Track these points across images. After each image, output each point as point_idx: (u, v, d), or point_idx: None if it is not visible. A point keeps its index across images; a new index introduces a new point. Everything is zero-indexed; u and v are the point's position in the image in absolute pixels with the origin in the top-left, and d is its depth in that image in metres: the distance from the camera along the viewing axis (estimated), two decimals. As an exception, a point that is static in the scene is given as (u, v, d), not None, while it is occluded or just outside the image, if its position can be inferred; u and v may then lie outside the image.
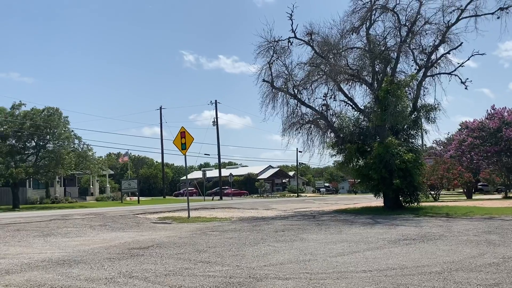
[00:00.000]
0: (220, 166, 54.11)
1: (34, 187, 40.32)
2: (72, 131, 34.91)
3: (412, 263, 6.58)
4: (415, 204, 19.77)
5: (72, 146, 34.58)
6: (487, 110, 38.28)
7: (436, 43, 20.22)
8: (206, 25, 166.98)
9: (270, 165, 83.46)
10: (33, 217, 18.03)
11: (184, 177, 78.81)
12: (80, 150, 35.04)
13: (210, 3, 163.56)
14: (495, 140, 35.07)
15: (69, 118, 35.01)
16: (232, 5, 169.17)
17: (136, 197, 42.09)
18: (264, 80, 21.51)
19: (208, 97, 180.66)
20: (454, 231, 10.77)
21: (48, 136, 33.21)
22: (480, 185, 53.44)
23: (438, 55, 20.56)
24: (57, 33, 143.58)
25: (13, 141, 32.94)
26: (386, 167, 18.06)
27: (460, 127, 47.70)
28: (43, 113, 33.17)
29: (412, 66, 21.02)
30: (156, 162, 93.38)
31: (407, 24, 20.32)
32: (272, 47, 21.18)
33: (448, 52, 20.25)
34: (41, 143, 33.48)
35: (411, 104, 20.27)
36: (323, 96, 21.61)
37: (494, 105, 37.49)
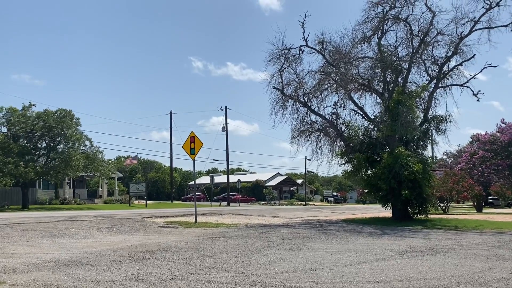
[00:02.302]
0: (228, 172, 54.11)
1: (44, 187, 40.67)
2: (83, 133, 35.26)
3: (420, 276, 6.51)
4: (424, 216, 19.57)
5: (83, 148, 34.87)
6: (497, 124, 37.99)
7: (448, 55, 20.10)
8: (215, 32, 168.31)
9: (278, 173, 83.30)
10: (42, 218, 18.17)
11: (192, 182, 78.86)
12: (90, 152, 35.31)
13: (218, 11, 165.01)
14: (507, 153, 34.70)
15: (79, 120, 35.22)
16: (240, 13, 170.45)
17: (144, 201, 42.24)
18: (274, 88, 21.56)
19: (216, 104, 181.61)
20: (463, 244, 10.63)
21: (59, 138, 33.53)
22: (490, 198, 52.78)
23: (450, 67, 20.45)
24: (69, 37, 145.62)
25: (25, 142, 33.32)
26: (395, 177, 17.92)
27: (471, 139, 47.33)
28: (56, 114, 33.53)
29: (424, 77, 20.93)
30: (165, 166, 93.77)
31: (419, 34, 20.25)
32: (284, 55, 21.24)
33: (461, 64, 20.13)
34: (52, 144, 33.81)
35: (421, 115, 20.14)
36: (333, 105, 21.62)
37: (503, 119, 37.20)
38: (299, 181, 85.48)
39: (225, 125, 51.49)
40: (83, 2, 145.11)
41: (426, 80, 20.67)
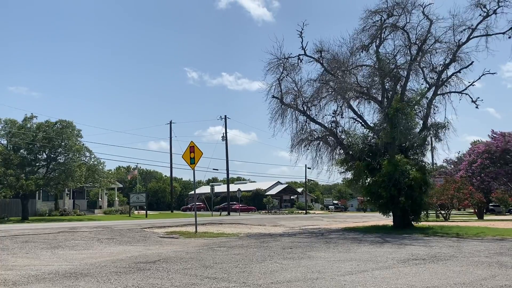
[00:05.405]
0: (228, 181, 53.98)
1: (44, 199, 40.53)
2: (83, 144, 35.25)
3: (422, 284, 6.47)
4: (417, 223, 19.54)
5: (83, 159, 34.82)
6: (489, 135, 39.04)
7: (446, 62, 20.16)
8: (209, 43, 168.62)
9: (278, 181, 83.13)
10: (42, 229, 18.11)
11: (192, 192, 78.66)
12: (90, 163, 35.26)
13: (211, 23, 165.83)
14: (503, 161, 34.96)
15: (81, 132, 35.20)
16: (233, 24, 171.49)
17: (144, 211, 42.09)
18: (273, 97, 21.62)
19: (212, 114, 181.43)
20: (464, 251, 10.59)
21: (59, 149, 33.52)
22: (491, 205, 52.68)
23: (449, 74, 20.49)
24: (66, 50, 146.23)
25: (25, 153, 33.30)
26: (395, 185, 17.90)
27: (470, 145, 47.56)
28: (56, 125, 33.58)
29: (422, 84, 20.94)
30: (165, 176, 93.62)
31: (417, 42, 20.36)
32: (282, 64, 21.33)
33: (459, 71, 20.17)
34: (52, 155, 33.79)
35: (421, 122, 20.17)
36: (332, 113, 21.63)
37: (493, 130, 38.56)
38: (300, 190, 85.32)
39: (224, 135, 51.51)
40: (78, 14, 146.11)
41: (425, 87, 20.71)
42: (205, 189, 76.16)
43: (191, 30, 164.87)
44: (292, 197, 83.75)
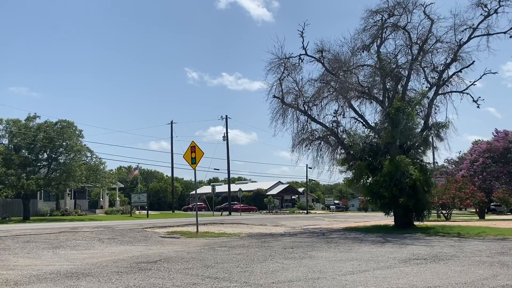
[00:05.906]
0: (229, 181, 53.96)
1: (45, 199, 40.62)
2: (85, 144, 35.29)
3: (423, 284, 6.47)
4: (422, 222, 19.49)
5: (84, 159, 34.86)
6: (492, 133, 39.00)
7: (447, 62, 20.14)
8: (208, 43, 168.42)
9: (279, 181, 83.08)
10: (43, 229, 18.13)
11: (193, 192, 78.66)
12: (91, 163, 35.29)
13: (211, 23, 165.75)
14: (506, 160, 34.92)
15: (82, 132, 35.24)
16: (233, 24, 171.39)
17: (145, 211, 42.12)
18: (274, 96, 21.62)
19: (213, 114, 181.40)
20: (466, 251, 10.58)
21: (60, 149, 33.55)
22: (493, 205, 52.64)
23: (450, 73, 20.46)
24: (66, 50, 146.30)
25: (26, 153, 33.36)
26: (396, 185, 17.87)
27: (472, 145, 47.55)
28: (56, 125, 33.62)
29: (424, 84, 20.92)
30: (166, 176, 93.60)
31: (418, 42, 20.33)
32: (283, 64, 21.31)
33: (460, 71, 20.14)
34: (53, 155, 33.83)
35: (422, 122, 20.15)
36: (334, 113, 21.60)
37: (496, 129, 38.55)
38: (301, 190, 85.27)
39: (225, 134, 51.52)
40: (78, 14, 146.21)
41: (426, 87, 20.68)
42: (206, 189, 76.19)
43: (191, 30, 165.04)
44: (293, 197, 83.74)
